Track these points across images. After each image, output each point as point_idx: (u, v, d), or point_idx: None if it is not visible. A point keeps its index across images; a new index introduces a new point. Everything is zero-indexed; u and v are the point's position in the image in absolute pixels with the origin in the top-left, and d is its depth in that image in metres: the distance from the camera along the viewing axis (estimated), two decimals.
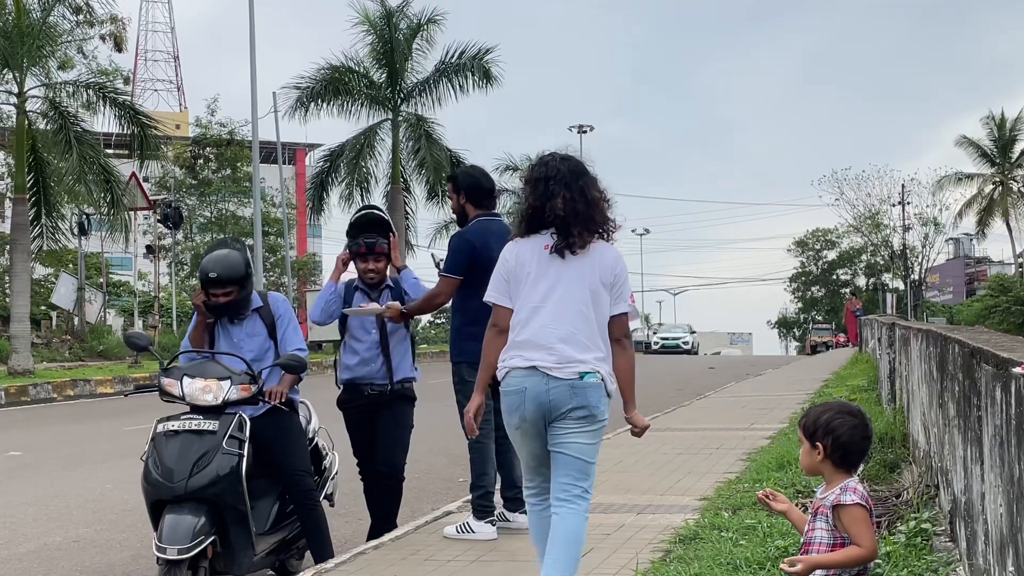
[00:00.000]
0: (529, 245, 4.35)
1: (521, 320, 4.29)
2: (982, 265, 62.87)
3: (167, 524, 4.79)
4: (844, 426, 3.51)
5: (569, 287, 4.27)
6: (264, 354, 5.54)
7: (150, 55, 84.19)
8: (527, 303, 4.29)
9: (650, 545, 5.66)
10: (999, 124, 53.97)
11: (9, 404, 18.68)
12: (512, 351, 4.28)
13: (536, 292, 4.29)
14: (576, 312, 4.26)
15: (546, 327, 4.24)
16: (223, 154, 38.71)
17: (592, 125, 55.64)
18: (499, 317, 4.37)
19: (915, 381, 7.67)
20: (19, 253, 22.96)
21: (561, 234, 4.29)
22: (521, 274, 4.32)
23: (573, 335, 4.24)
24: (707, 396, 16.53)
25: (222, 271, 5.40)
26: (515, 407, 4.26)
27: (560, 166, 4.36)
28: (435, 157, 32.62)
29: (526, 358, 4.23)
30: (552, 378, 4.20)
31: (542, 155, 4.46)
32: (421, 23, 32.47)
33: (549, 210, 4.28)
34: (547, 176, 4.34)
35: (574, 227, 4.27)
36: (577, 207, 4.28)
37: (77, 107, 24.00)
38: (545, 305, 4.26)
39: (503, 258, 4.41)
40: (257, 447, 5.16)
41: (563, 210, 4.27)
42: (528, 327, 4.26)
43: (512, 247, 4.41)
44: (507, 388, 4.27)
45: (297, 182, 54.76)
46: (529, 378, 4.21)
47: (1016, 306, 35.95)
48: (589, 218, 4.31)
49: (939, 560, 4.67)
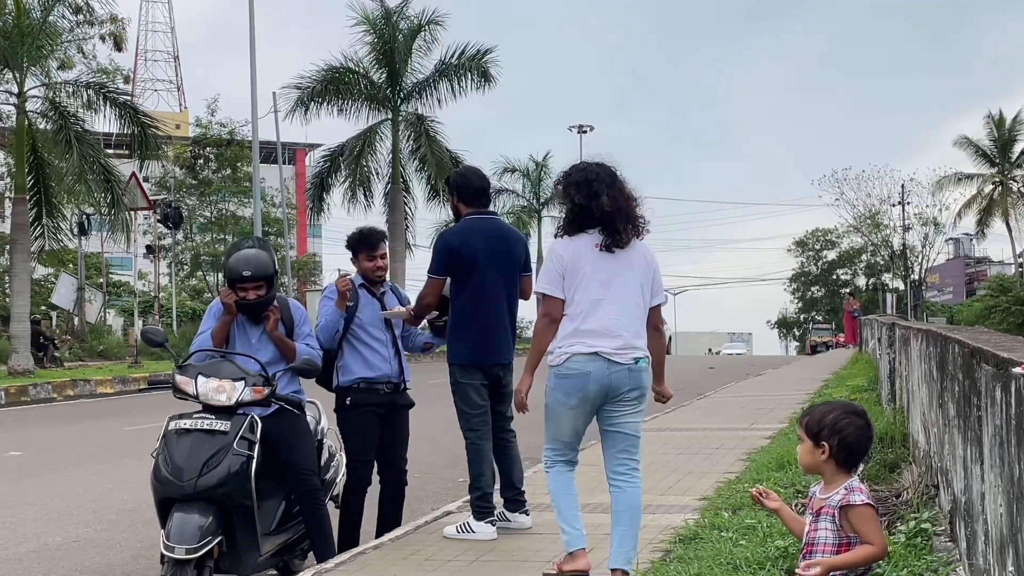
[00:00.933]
0: (581, 243, 4.77)
1: (583, 311, 4.72)
2: (982, 265, 62.90)
3: (175, 523, 4.79)
4: (851, 427, 3.52)
5: (624, 281, 4.78)
6: (281, 357, 5.59)
7: (150, 55, 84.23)
8: (587, 295, 4.73)
9: (650, 545, 5.66)
10: (999, 124, 53.96)
11: (9, 404, 18.68)
12: (574, 338, 4.71)
13: (595, 285, 4.73)
14: (633, 304, 4.79)
15: (609, 317, 4.72)
16: (223, 154, 38.74)
17: (592, 125, 55.67)
18: (552, 307, 4.77)
19: (915, 381, 7.67)
20: (19, 253, 22.96)
21: (608, 231, 4.75)
22: (576, 269, 4.74)
23: (631, 324, 4.76)
24: (707, 396, 16.53)
25: (254, 269, 5.48)
26: (577, 388, 4.71)
27: (598, 170, 4.82)
28: (436, 157, 32.62)
29: (589, 344, 4.69)
30: (613, 363, 4.69)
31: (575, 164, 4.91)
32: (421, 23, 32.50)
33: (596, 208, 4.73)
34: (588, 179, 4.77)
35: (619, 224, 4.74)
36: (620, 204, 4.76)
37: (77, 107, 24.01)
38: (606, 297, 4.73)
39: (557, 255, 4.80)
40: (265, 447, 5.17)
41: (610, 207, 4.73)
42: (592, 318, 4.71)
43: (567, 244, 4.80)
44: (569, 371, 4.71)
45: (297, 182, 54.80)
46: (592, 363, 4.68)
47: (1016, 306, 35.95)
48: (631, 215, 4.80)
49: (939, 560, 4.67)
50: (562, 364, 4.72)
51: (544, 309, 4.80)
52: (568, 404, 4.75)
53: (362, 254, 6.26)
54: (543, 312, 4.81)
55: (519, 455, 6.28)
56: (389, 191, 33.83)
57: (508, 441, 6.20)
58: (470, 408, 5.98)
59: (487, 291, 5.96)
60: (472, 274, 5.95)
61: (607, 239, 4.74)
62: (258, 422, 5.13)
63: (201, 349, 5.57)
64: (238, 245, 5.82)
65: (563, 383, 4.73)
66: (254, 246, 5.73)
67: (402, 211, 33.62)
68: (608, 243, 4.74)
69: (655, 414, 13.26)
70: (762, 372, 23.58)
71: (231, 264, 5.56)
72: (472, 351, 5.95)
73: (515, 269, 6.11)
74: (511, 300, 6.11)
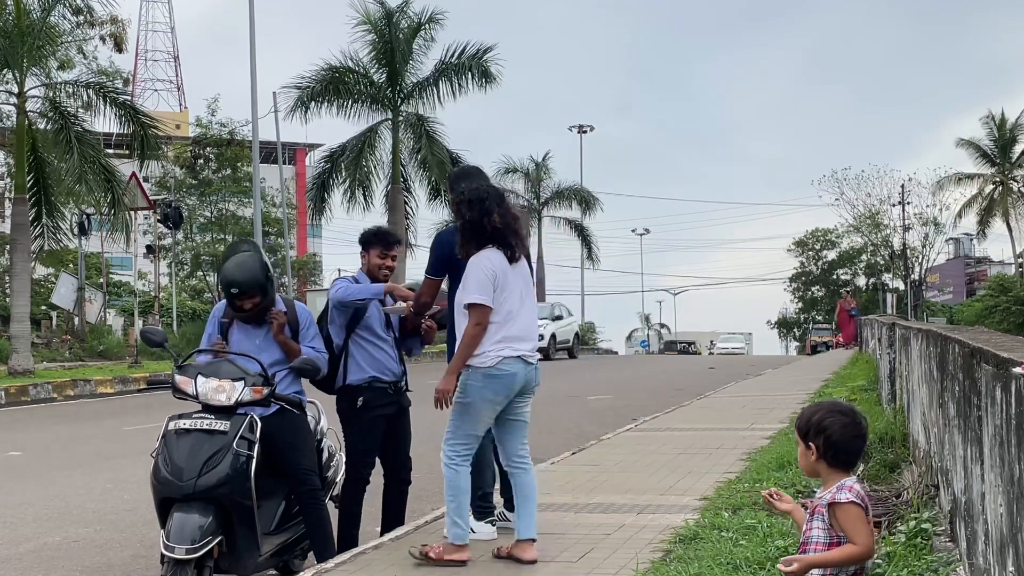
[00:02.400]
0: (497, 256, 5.33)
1: (506, 319, 5.30)
2: (982, 265, 62.92)
3: (175, 523, 4.79)
4: (835, 425, 3.51)
5: (528, 290, 5.47)
6: (284, 358, 5.59)
7: (150, 55, 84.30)
8: (508, 304, 5.32)
9: (650, 545, 5.66)
10: (999, 124, 53.93)
11: (9, 404, 18.67)
12: (503, 343, 5.29)
13: (514, 295, 5.34)
14: (534, 310, 5.57)
15: (525, 323, 5.40)
16: (223, 154, 38.68)
17: (592, 125, 55.77)
18: (484, 315, 5.26)
19: (915, 381, 7.67)
20: (19, 253, 22.94)
21: (503, 246, 5.34)
22: (503, 281, 5.30)
23: (535, 328, 5.58)
24: (707, 396, 16.52)
25: (243, 284, 5.47)
26: (505, 387, 5.31)
27: (489, 190, 5.48)
28: (436, 156, 32.59)
29: (514, 348, 5.31)
30: (528, 364, 5.39)
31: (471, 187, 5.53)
32: (421, 23, 32.47)
33: (488, 224, 5.31)
34: (480, 197, 5.37)
35: (510, 238, 5.36)
36: (508, 221, 5.36)
37: (77, 107, 23.97)
38: (521, 305, 5.37)
39: (487, 267, 5.28)
40: (265, 447, 5.17)
41: (500, 223, 5.32)
42: (514, 324, 5.33)
43: (490, 257, 5.30)
44: (501, 372, 5.28)
45: (297, 182, 54.75)
46: (516, 364, 5.32)
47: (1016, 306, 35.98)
48: (517, 232, 5.42)
49: (939, 560, 4.67)
50: (494, 366, 5.26)
51: (476, 318, 5.26)
52: (495, 402, 5.32)
53: (374, 250, 6.21)
54: (475, 321, 5.26)
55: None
56: (389, 191, 33.81)
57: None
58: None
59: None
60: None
61: (507, 252, 5.33)
62: (257, 422, 5.14)
63: (202, 350, 5.59)
64: (234, 248, 5.80)
65: (493, 383, 5.28)
66: (241, 253, 5.66)
67: (402, 211, 33.59)
68: (509, 256, 5.34)
69: (655, 414, 13.28)
70: (762, 372, 23.57)
71: (221, 278, 5.59)
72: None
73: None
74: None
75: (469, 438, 5.39)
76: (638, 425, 12.06)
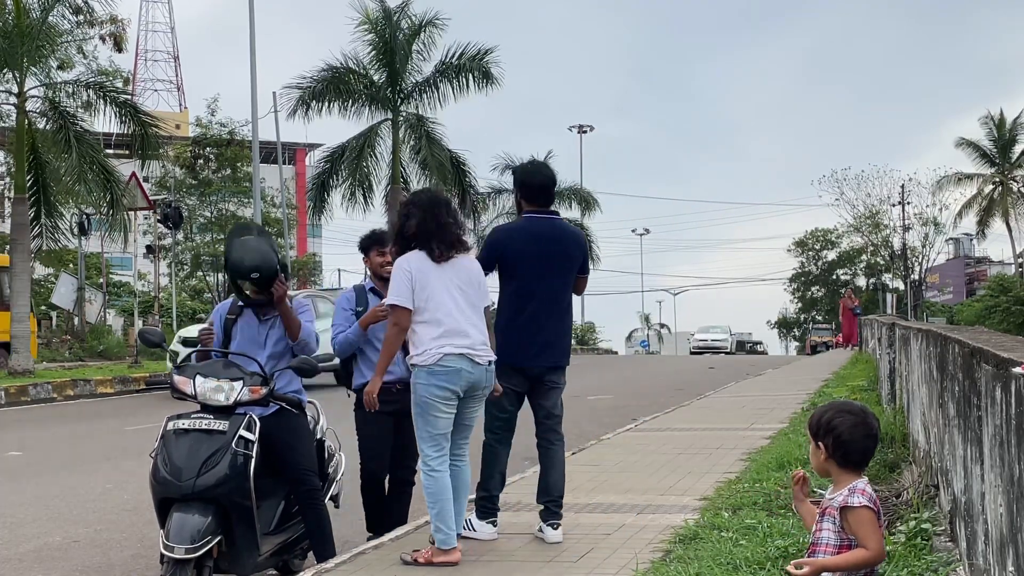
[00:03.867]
0: (420, 256, 5.42)
1: (439, 317, 5.36)
2: (982, 265, 62.89)
3: (174, 523, 4.79)
4: (844, 424, 3.50)
5: (466, 288, 5.47)
6: (286, 351, 5.61)
7: (150, 55, 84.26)
8: (432, 302, 5.36)
9: (650, 545, 5.66)
10: (999, 124, 53.91)
11: (9, 404, 18.67)
12: (443, 340, 5.33)
13: (442, 292, 5.39)
14: (474, 307, 5.50)
15: (464, 320, 5.41)
16: (223, 154, 38.64)
17: (592, 125, 55.77)
18: (402, 317, 5.37)
19: (915, 381, 7.67)
20: (19, 253, 22.93)
21: (427, 248, 5.42)
22: (425, 281, 5.36)
23: (477, 326, 5.49)
24: (707, 396, 16.52)
25: (263, 268, 5.47)
26: (451, 382, 5.34)
27: (422, 195, 5.67)
28: (436, 157, 32.58)
29: (456, 345, 5.35)
30: (475, 363, 5.40)
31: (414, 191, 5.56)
32: (422, 23, 32.45)
33: (407, 228, 5.46)
34: (413, 202, 5.57)
35: (433, 241, 5.42)
36: (442, 222, 5.45)
37: (77, 107, 23.97)
38: (457, 303, 5.42)
39: (404, 270, 5.38)
40: (264, 446, 5.18)
41: (417, 229, 5.43)
42: (451, 320, 5.37)
43: (409, 260, 5.40)
44: (444, 367, 5.32)
45: (297, 182, 54.77)
46: (460, 361, 5.35)
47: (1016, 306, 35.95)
48: (449, 232, 5.47)
49: (939, 560, 4.67)
50: (436, 363, 5.32)
51: (394, 319, 5.40)
52: (444, 397, 5.35)
53: (373, 251, 6.43)
54: (393, 322, 5.41)
55: (563, 460, 6.08)
56: (389, 191, 33.79)
57: (552, 443, 6.03)
58: (497, 411, 5.93)
59: (534, 294, 5.87)
60: (514, 276, 5.91)
61: (435, 251, 5.40)
62: (256, 421, 5.14)
63: (202, 350, 5.59)
64: (238, 233, 5.77)
65: (439, 379, 5.33)
66: (252, 236, 5.66)
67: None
68: (437, 255, 5.40)
69: (655, 414, 13.27)
70: (762, 372, 23.57)
71: (233, 264, 5.52)
72: (510, 354, 5.82)
73: (569, 271, 6.03)
74: (563, 303, 6.04)
75: (434, 439, 5.39)
76: (638, 425, 12.06)
